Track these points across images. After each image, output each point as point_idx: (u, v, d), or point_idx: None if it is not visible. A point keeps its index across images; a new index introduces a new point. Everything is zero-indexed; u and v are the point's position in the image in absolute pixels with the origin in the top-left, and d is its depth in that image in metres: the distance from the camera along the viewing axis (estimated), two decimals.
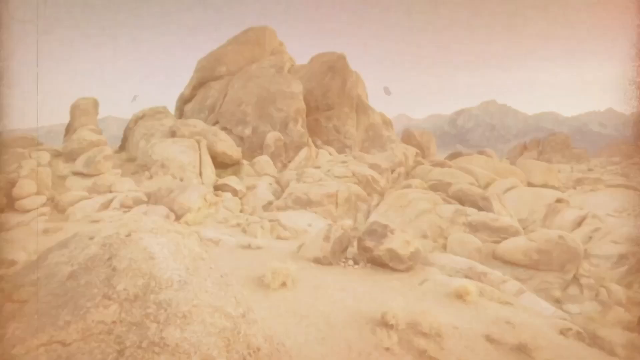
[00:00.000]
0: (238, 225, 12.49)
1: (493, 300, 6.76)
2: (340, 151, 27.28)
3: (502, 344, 5.07)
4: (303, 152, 24.36)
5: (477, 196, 14.81)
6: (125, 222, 3.02)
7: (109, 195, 14.25)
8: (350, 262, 8.09)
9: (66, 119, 22.49)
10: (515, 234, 11.61)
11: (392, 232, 8.01)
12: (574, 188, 25.48)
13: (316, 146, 26.91)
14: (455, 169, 21.12)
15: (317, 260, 7.94)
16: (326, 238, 8.16)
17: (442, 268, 8.32)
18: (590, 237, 13.16)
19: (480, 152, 33.01)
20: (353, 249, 8.94)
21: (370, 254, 7.89)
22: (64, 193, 14.37)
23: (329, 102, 29.86)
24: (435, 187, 18.18)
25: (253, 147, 25.18)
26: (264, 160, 22.21)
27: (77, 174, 16.80)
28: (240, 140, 25.80)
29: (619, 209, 18.34)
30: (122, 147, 23.78)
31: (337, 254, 8.17)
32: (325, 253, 7.91)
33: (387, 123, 32.79)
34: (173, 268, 2.58)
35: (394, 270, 7.61)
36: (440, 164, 23.88)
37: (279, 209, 16.60)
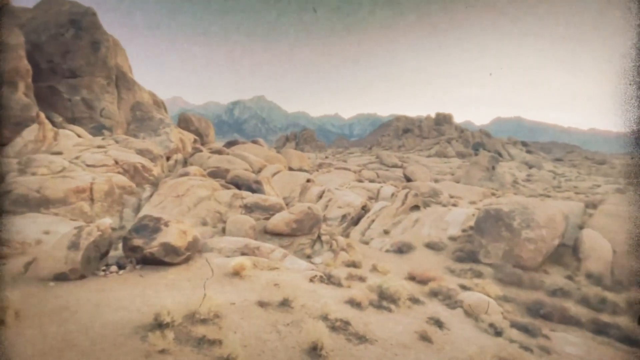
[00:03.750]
0: None
1: (264, 269, 7.82)
2: (95, 133, 21.66)
3: (271, 304, 6.00)
4: (30, 132, 17.35)
5: (251, 180, 16.40)
6: None
7: None
8: (114, 267, 6.75)
9: None
10: (281, 209, 13.91)
11: (166, 224, 7.38)
12: (317, 170, 33.93)
13: (54, 124, 19.93)
14: (232, 156, 22.24)
15: (61, 277, 6.04)
16: (73, 245, 6.33)
17: (220, 251, 8.65)
18: (327, 205, 17.97)
19: (254, 141, 36.52)
20: (118, 252, 7.51)
21: (140, 253, 6.91)
22: None
23: (72, 67, 22.71)
24: (215, 174, 18.41)
25: None
26: None
27: None
28: None
29: (343, 184, 26.11)
30: None
31: (92, 262, 6.56)
32: (74, 265, 6.14)
33: (159, 104, 29.28)
34: None
35: (170, 265, 7.08)
36: (219, 152, 24.36)
37: None
